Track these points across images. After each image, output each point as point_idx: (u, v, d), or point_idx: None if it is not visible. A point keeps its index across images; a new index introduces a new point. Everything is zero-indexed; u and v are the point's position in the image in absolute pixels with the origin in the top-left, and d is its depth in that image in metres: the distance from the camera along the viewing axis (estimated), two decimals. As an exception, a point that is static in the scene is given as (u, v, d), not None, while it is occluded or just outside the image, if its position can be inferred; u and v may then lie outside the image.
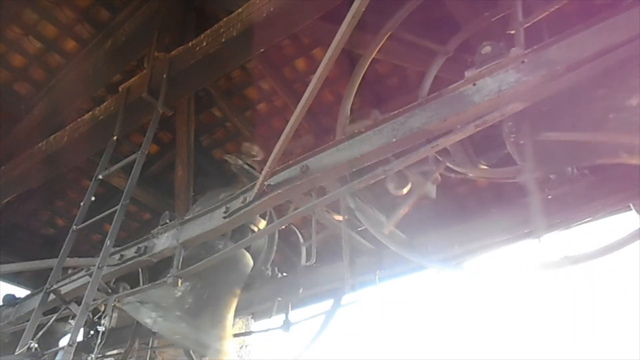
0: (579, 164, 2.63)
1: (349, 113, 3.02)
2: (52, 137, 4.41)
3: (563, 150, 2.41)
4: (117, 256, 3.50)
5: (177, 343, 3.83)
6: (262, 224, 3.86)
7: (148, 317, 3.41)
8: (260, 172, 2.83)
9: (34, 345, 2.95)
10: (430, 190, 2.69)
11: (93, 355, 3.27)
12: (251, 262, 4.02)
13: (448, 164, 2.65)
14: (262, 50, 3.53)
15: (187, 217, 3.31)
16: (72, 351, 2.76)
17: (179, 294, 3.46)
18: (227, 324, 3.86)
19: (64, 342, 3.06)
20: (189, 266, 3.10)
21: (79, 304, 2.96)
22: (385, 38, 2.97)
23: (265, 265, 4.28)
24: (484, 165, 2.70)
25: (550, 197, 2.79)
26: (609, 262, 2.19)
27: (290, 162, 2.77)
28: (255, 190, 2.82)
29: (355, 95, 3.07)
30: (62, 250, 3.39)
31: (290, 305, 4.30)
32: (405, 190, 2.80)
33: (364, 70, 3.05)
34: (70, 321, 4.38)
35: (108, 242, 3.14)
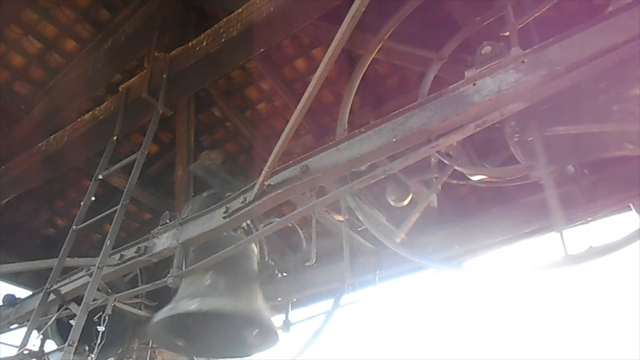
0: (585, 159, 2.62)
1: (348, 113, 3.02)
2: (52, 137, 4.41)
3: (568, 146, 2.41)
4: (117, 256, 3.50)
5: (232, 313, 3.62)
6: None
7: (191, 306, 3.35)
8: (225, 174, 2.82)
9: (34, 345, 2.95)
10: (433, 200, 2.69)
11: (93, 356, 3.27)
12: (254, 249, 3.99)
13: (456, 167, 2.63)
14: (262, 50, 3.53)
15: (187, 217, 3.31)
16: (72, 351, 2.76)
17: (209, 281, 3.48)
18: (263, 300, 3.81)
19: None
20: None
21: (79, 304, 2.96)
22: (385, 38, 2.97)
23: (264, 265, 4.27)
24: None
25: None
26: (609, 262, 2.19)
27: (290, 162, 2.77)
28: (255, 190, 2.82)
29: (355, 95, 3.07)
30: (62, 250, 3.38)
31: (290, 305, 4.30)
32: (406, 202, 2.80)
33: (364, 71, 3.05)
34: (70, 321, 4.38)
35: (108, 242, 3.14)
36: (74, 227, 3.45)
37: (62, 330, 4.51)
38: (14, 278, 5.52)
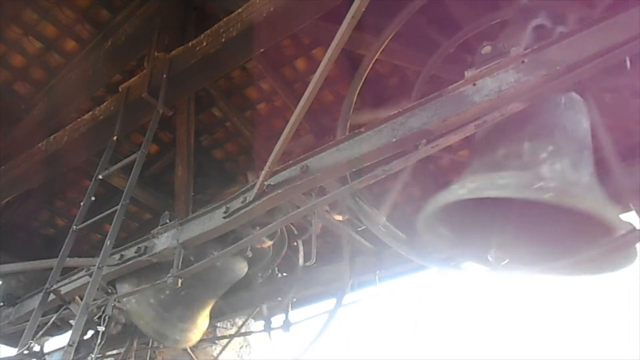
0: None
1: (350, 113, 3.03)
2: (52, 137, 4.40)
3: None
4: (117, 256, 3.50)
5: (141, 327, 3.82)
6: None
7: (125, 290, 3.47)
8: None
9: (34, 345, 2.95)
10: None
11: (93, 356, 3.27)
12: (243, 269, 4.02)
13: None
14: (262, 50, 3.53)
15: (187, 217, 3.31)
16: (72, 351, 2.76)
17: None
18: (198, 321, 3.97)
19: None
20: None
21: (79, 304, 2.96)
22: (390, 38, 2.98)
23: (263, 272, 4.29)
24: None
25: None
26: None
27: (290, 162, 2.77)
28: (255, 190, 2.82)
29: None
30: (62, 250, 3.38)
31: (290, 305, 4.31)
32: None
33: (367, 71, 3.06)
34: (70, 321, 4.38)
35: (108, 242, 3.14)
36: (74, 227, 3.45)
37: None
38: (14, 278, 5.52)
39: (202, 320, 4.05)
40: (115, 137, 3.78)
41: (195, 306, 3.93)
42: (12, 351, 3.43)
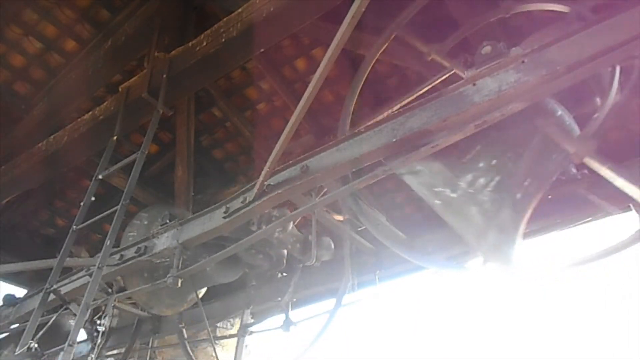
0: None
1: (351, 113, 3.03)
2: (52, 137, 4.40)
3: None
4: (117, 256, 3.50)
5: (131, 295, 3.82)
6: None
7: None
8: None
9: (34, 345, 2.95)
10: None
11: (93, 356, 3.27)
12: (235, 275, 4.04)
13: None
14: (262, 50, 3.53)
15: (186, 217, 3.31)
16: (72, 351, 2.76)
17: None
18: (187, 298, 4.03)
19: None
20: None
21: (79, 304, 2.96)
22: (391, 38, 2.98)
23: (258, 278, 4.30)
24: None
25: (550, 197, 2.79)
26: (610, 263, 2.19)
27: (290, 162, 2.78)
28: (255, 190, 2.82)
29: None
30: (62, 250, 3.38)
31: (290, 305, 4.30)
32: None
33: (368, 71, 3.06)
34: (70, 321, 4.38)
35: (108, 242, 3.14)
36: (74, 227, 3.45)
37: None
38: (14, 278, 5.52)
39: (192, 297, 4.11)
40: (115, 137, 3.77)
41: (186, 287, 3.92)
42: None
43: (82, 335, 4.24)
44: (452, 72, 2.82)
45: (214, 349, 4.78)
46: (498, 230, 2.42)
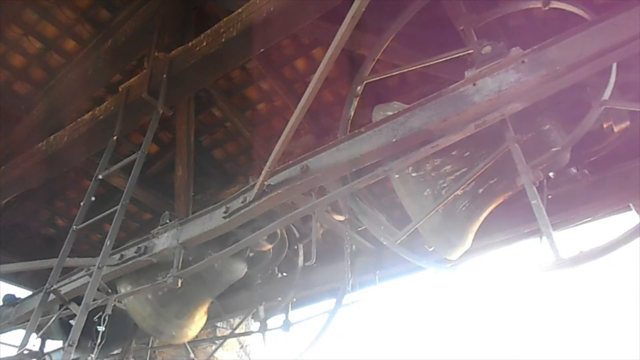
0: None
1: (352, 113, 3.03)
2: (52, 137, 4.40)
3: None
4: (117, 256, 3.50)
5: (138, 323, 3.86)
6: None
7: (124, 289, 3.46)
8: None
9: (34, 345, 2.95)
10: None
11: (93, 356, 3.27)
12: (241, 270, 4.02)
13: None
14: (262, 50, 3.53)
15: (187, 217, 3.31)
16: (72, 351, 2.76)
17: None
18: (195, 318, 3.99)
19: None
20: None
21: (79, 304, 2.96)
22: (392, 38, 2.98)
23: (263, 273, 4.29)
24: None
25: (550, 197, 2.79)
26: (608, 261, 2.19)
27: (290, 162, 2.77)
28: (255, 190, 2.82)
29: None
30: (62, 250, 3.38)
31: (290, 305, 4.30)
32: None
33: (368, 71, 3.06)
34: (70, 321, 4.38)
35: (108, 242, 3.14)
36: (74, 227, 3.45)
37: (65, 329, 4.53)
38: (14, 278, 5.52)
39: (199, 317, 4.07)
40: (115, 137, 3.77)
41: (192, 303, 3.94)
42: (13, 351, 3.42)
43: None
44: (469, 52, 2.71)
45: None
46: (446, 216, 2.46)
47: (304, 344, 3.97)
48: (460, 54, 2.75)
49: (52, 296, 3.40)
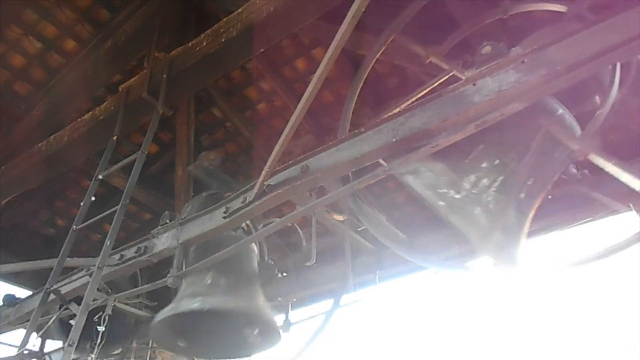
0: None
1: (351, 113, 3.03)
2: (52, 137, 4.41)
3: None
4: (117, 256, 3.50)
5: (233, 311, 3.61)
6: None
7: (192, 305, 3.31)
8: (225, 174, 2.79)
9: (34, 345, 2.95)
10: None
11: (93, 356, 3.27)
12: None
13: None
14: (262, 50, 3.53)
15: (187, 217, 3.31)
16: (72, 351, 2.76)
17: (210, 281, 3.44)
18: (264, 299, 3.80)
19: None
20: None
21: (79, 304, 2.96)
22: (391, 38, 2.98)
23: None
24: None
25: (550, 197, 2.78)
26: (610, 263, 2.19)
27: (290, 162, 2.77)
28: (255, 190, 2.82)
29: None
30: (62, 250, 3.38)
31: (290, 305, 4.30)
32: None
33: (368, 71, 3.06)
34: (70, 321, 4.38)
35: (108, 242, 3.14)
36: (74, 227, 3.46)
37: (64, 329, 4.52)
38: (14, 278, 5.52)
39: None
40: (115, 137, 3.78)
41: (251, 284, 3.69)
42: (13, 351, 3.42)
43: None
44: (451, 75, 2.81)
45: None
46: (503, 230, 2.42)
47: (302, 344, 3.97)
48: (444, 79, 2.80)
49: (52, 296, 3.41)
